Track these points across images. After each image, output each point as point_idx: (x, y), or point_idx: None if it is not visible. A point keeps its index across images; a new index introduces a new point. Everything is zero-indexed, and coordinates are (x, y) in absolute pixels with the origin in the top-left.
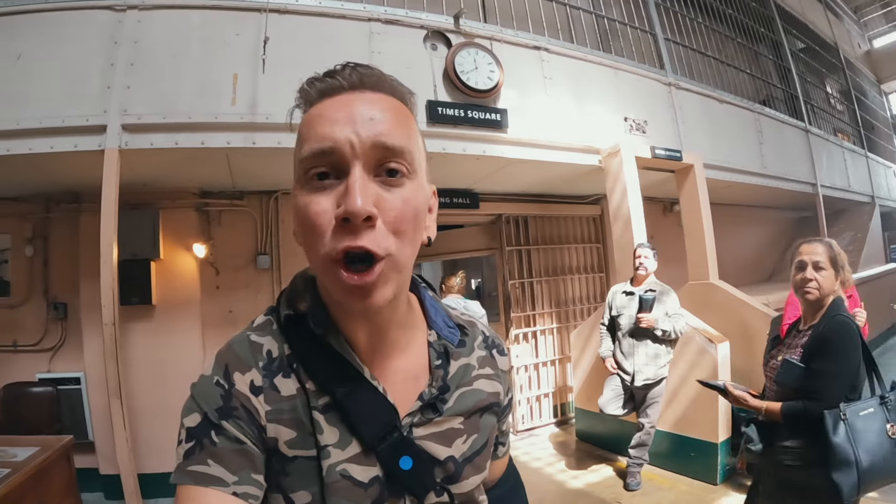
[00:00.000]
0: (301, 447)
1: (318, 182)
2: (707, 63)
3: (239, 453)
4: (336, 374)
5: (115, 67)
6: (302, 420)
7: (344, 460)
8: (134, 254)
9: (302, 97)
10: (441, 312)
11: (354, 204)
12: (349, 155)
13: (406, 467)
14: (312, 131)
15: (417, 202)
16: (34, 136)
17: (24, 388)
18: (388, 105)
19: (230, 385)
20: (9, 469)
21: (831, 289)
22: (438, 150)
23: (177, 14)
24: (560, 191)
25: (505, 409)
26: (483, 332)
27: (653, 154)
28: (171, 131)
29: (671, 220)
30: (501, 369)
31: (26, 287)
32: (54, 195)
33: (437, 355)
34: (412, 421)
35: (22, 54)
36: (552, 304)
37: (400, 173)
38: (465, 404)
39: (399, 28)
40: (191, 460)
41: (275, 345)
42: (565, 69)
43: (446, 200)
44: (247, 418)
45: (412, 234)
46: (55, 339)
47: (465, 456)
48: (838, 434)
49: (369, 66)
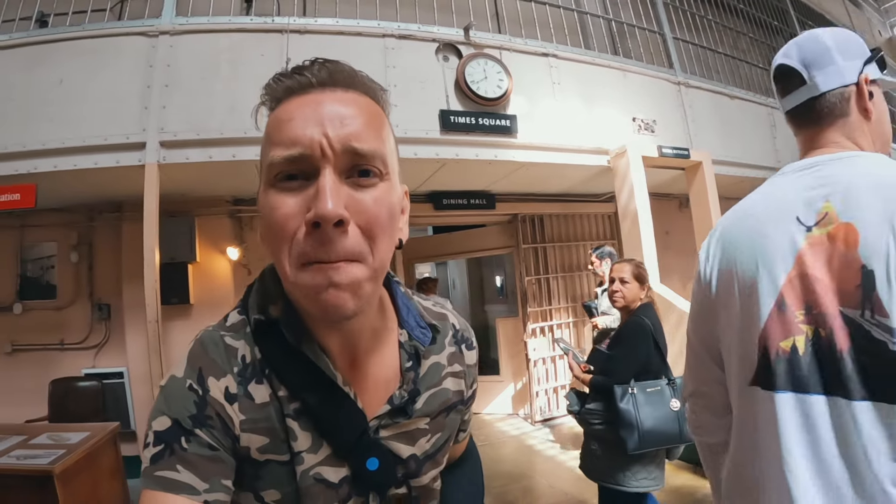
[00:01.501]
0: (273, 452)
1: (286, 183)
2: (719, 60)
3: (210, 459)
4: (309, 382)
5: (151, 89)
6: (275, 427)
7: (317, 464)
8: (173, 257)
9: (268, 94)
10: (413, 311)
11: (325, 207)
12: (318, 158)
13: (372, 468)
14: (281, 135)
15: (390, 202)
16: (79, 154)
17: (71, 383)
18: (359, 105)
19: (204, 391)
20: (64, 450)
21: (635, 297)
22: (452, 156)
23: (205, 38)
24: (574, 190)
25: (468, 401)
26: (454, 326)
27: (660, 153)
28: (204, 146)
29: (687, 214)
30: (469, 364)
31: (72, 290)
32: (97, 205)
33: (407, 357)
34: (379, 423)
35: (63, 79)
36: (568, 300)
37: (373, 174)
38: (432, 406)
39: (412, 42)
40: (159, 465)
41: (248, 349)
42: (574, 74)
43: (464, 202)
44: (221, 428)
45: (385, 236)
46: (100, 338)
47: (426, 453)
48: (624, 402)
49: (339, 62)
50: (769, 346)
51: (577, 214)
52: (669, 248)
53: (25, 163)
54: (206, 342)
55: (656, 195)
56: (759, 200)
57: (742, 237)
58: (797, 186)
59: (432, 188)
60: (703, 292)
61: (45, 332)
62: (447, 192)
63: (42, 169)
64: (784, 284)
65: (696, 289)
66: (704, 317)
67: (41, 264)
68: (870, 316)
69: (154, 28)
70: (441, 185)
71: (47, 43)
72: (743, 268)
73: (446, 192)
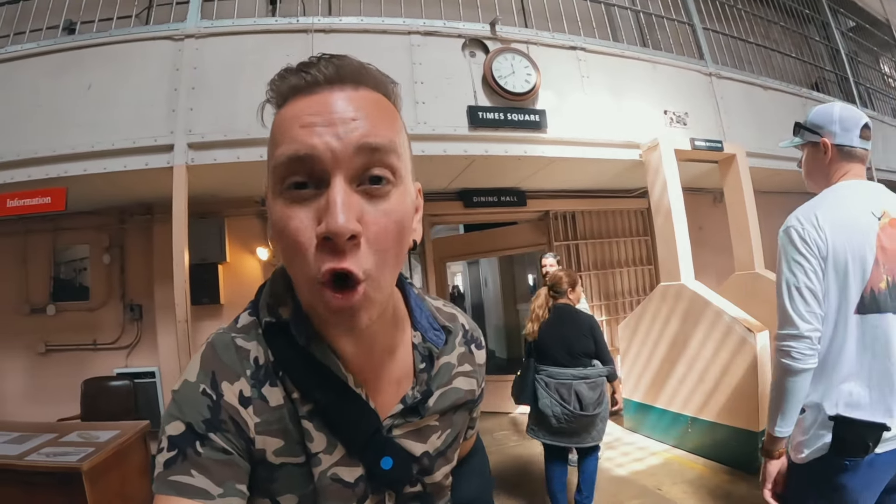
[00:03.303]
0: (288, 454)
1: (296, 192)
2: (750, 50)
3: (224, 464)
4: (320, 383)
5: (178, 92)
6: (289, 429)
7: (333, 464)
8: (203, 258)
9: (273, 91)
10: (426, 312)
11: (336, 223)
12: (329, 163)
13: (387, 467)
14: (287, 135)
15: (403, 214)
16: (108, 157)
17: (103, 383)
18: (369, 102)
19: (218, 395)
20: (93, 448)
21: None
22: (481, 152)
23: (231, 40)
24: (606, 186)
25: (477, 400)
26: (463, 326)
27: (692, 146)
28: (232, 147)
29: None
30: (479, 364)
31: (104, 292)
32: (128, 208)
33: (421, 358)
34: (392, 423)
35: (92, 84)
36: (601, 297)
37: (385, 180)
38: (443, 404)
39: (438, 39)
40: (172, 469)
41: (260, 350)
42: (603, 67)
43: (494, 199)
44: (235, 431)
45: (396, 249)
46: (132, 338)
47: (438, 450)
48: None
49: (347, 57)
50: (873, 287)
51: (610, 211)
52: (705, 244)
53: (56, 167)
54: (217, 345)
55: (689, 190)
56: (848, 195)
57: (846, 220)
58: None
59: (462, 186)
60: (815, 253)
61: (77, 332)
62: (477, 189)
63: (72, 172)
64: (876, 251)
65: (804, 250)
66: (815, 270)
67: (74, 266)
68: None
69: (180, 32)
70: (471, 183)
71: (75, 49)
72: (852, 240)
73: (476, 189)
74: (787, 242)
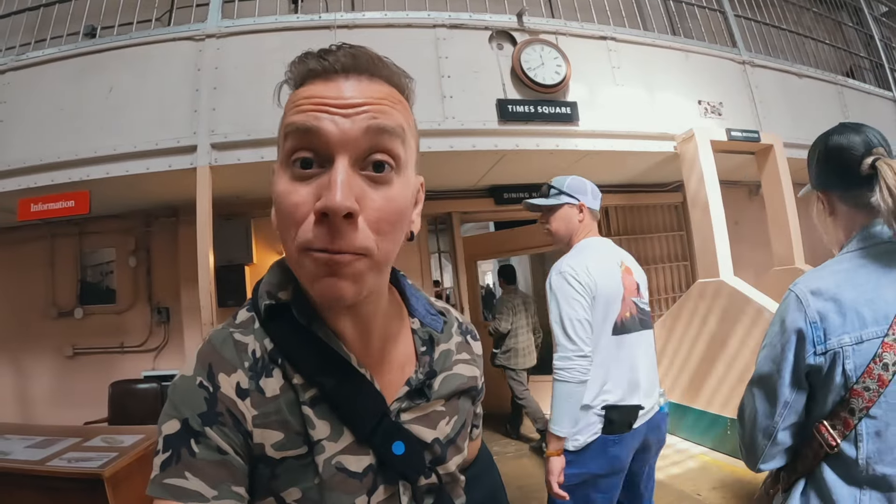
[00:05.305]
0: (289, 447)
1: (301, 170)
2: (783, 37)
3: (219, 465)
4: (323, 364)
5: (200, 92)
6: (288, 420)
7: (338, 452)
8: (230, 260)
9: (292, 73)
10: (422, 300)
11: (334, 199)
12: (335, 141)
13: (399, 452)
14: (298, 109)
15: (402, 201)
16: (131, 159)
17: (130, 385)
18: (383, 93)
19: (215, 388)
20: (116, 453)
21: None
22: (511, 147)
23: (252, 39)
24: (640, 180)
25: (480, 392)
26: (457, 318)
27: (728, 137)
28: (256, 147)
29: (757, 203)
30: (477, 354)
31: (131, 294)
32: (153, 210)
33: (422, 342)
34: (400, 406)
35: (113, 87)
36: None
37: (388, 167)
38: (447, 388)
39: (464, 31)
40: (167, 472)
41: (257, 344)
42: (634, 57)
43: (525, 195)
44: (232, 424)
45: (394, 234)
46: (159, 340)
47: (448, 437)
48: None
49: (364, 48)
50: (622, 316)
51: (644, 206)
52: (742, 239)
53: (79, 170)
54: (214, 340)
55: (723, 183)
56: (602, 249)
57: (605, 268)
58: None
59: (492, 182)
60: (587, 292)
61: (105, 335)
62: (508, 185)
63: (95, 176)
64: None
65: (580, 290)
66: (586, 306)
67: (101, 270)
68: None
69: (200, 32)
70: (501, 179)
71: (96, 53)
72: (609, 283)
73: (507, 185)
74: (565, 284)
